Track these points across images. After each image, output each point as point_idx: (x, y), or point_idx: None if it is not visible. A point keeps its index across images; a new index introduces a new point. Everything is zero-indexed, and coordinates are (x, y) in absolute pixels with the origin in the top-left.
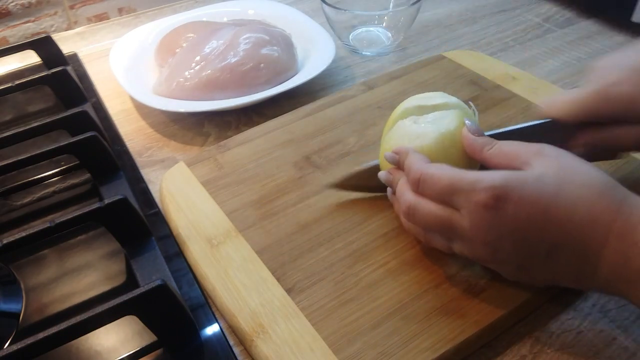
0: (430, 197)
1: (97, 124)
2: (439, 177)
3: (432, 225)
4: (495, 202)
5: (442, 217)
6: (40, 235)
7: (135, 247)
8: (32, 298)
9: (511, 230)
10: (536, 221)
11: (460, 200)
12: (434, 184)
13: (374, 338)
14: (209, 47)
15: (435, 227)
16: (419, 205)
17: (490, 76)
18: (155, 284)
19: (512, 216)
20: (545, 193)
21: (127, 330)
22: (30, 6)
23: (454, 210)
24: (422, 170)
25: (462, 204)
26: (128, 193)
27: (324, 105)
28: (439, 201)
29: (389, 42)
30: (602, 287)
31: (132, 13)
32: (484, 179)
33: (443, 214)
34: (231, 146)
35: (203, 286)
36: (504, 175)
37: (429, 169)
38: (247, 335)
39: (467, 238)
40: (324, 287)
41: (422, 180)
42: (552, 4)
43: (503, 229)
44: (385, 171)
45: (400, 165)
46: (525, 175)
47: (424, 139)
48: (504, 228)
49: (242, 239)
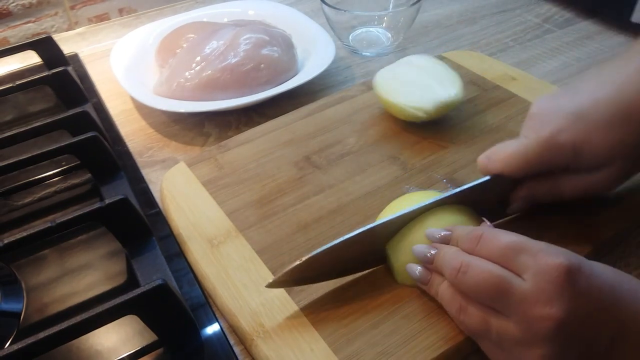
0: (489, 257)
1: (97, 124)
2: (503, 236)
3: (483, 286)
4: (570, 269)
5: (500, 276)
6: (41, 235)
7: (135, 247)
8: (32, 298)
9: (581, 305)
10: (606, 299)
11: (527, 260)
12: (498, 240)
13: (373, 337)
14: (210, 47)
15: (486, 289)
16: (474, 262)
17: (490, 76)
18: (156, 284)
19: (584, 288)
20: (609, 273)
21: (127, 330)
22: (31, 6)
23: (514, 274)
24: (485, 230)
25: (530, 265)
26: (129, 193)
27: (324, 105)
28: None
29: (388, 43)
30: None
31: (132, 13)
32: (558, 247)
33: (501, 273)
34: (231, 146)
35: (203, 286)
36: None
37: (493, 230)
38: (248, 334)
39: (522, 309)
40: (324, 287)
41: (483, 238)
42: (551, 4)
43: (572, 302)
44: (426, 246)
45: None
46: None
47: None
48: (574, 301)
49: (242, 239)
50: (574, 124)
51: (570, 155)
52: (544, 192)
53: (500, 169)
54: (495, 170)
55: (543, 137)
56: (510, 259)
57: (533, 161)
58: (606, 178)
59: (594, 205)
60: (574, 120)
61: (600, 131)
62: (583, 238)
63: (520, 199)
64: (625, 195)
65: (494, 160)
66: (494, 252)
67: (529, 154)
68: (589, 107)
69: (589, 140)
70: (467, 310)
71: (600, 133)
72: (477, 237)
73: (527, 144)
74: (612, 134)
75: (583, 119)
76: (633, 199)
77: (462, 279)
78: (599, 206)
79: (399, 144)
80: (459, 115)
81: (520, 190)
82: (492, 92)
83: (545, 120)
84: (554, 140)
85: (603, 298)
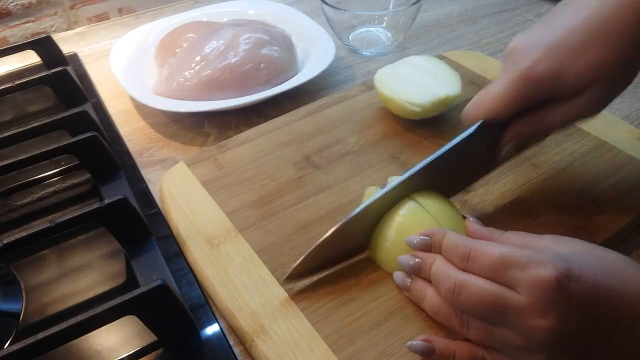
0: (480, 273)
1: (97, 124)
2: (491, 250)
3: (479, 305)
4: (560, 278)
5: (495, 293)
6: (40, 235)
7: (135, 247)
8: (32, 298)
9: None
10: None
11: (517, 274)
12: (487, 256)
13: (374, 338)
14: (209, 47)
15: (482, 307)
16: (467, 282)
17: (490, 76)
18: (156, 284)
19: (576, 294)
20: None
21: (127, 330)
22: (30, 6)
23: (508, 288)
24: (472, 245)
25: (521, 279)
26: (128, 193)
27: (324, 105)
28: (491, 277)
29: (389, 42)
30: None
31: (132, 13)
32: (544, 253)
33: (496, 290)
34: (231, 146)
35: (203, 286)
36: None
37: (479, 243)
38: (247, 335)
39: (520, 321)
40: (324, 287)
41: (472, 255)
42: (551, 4)
43: (566, 309)
44: (409, 255)
45: (435, 248)
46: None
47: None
48: (567, 308)
49: (242, 239)
50: (551, 53)
51: (551, 85)
52: (531, 129)
53: (485, 113)
54: (481, 115)
55: (521, 72)
56: (501, 274)
57: (515, 98)
58: (589, 102)
59: (594, 205)
60: (551, 50)
61: (578, 56)
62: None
63: (510, 142)
64: (624, 195)
65: (478, 106)
66: (485, 268)
67: (511, 92)
68: (565, 36)
69: (568, 66)
70: (469, 324)
71: (578, 57)
72: (466, 254)
73: (507, 83)
74: (590, 56)
75: (560, 48)
76: (632, 198)
77: (458, 300)
78: (599, 206)
79: (399, 143)
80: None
81: (508, 133)
82: None
83: (521, 57)
84: (532, 72)
85: (596, 296)
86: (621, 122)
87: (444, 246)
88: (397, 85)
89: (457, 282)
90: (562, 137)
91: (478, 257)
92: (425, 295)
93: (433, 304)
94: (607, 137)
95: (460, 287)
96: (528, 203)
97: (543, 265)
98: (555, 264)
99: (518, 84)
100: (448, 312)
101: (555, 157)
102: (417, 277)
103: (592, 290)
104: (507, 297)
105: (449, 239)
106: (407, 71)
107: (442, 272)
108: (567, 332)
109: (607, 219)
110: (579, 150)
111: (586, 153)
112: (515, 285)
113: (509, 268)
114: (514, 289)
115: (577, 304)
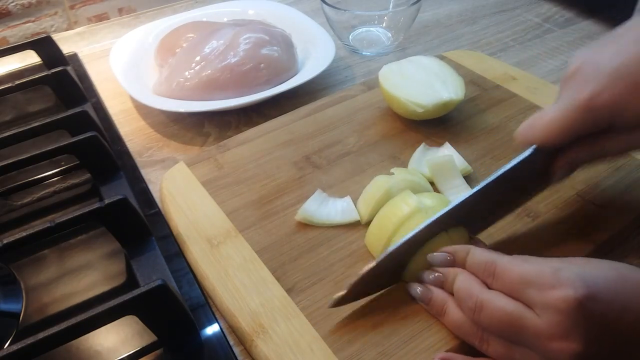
0: (503, 290)
1: (97, 124)
2: (516, 267)
3: (499, 324)
4: (581, 300)
5: (512, 314)
6: (40, 235)
7: (135, 247)
8: (32, 298)
9: (598, 331)
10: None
11: (535, 294)
12: (510, 274)
13: (373, 338)
14: (209, 47)
15: (502, 327)
16: (488, 300)
17: (490, 76)
18: (156, 284)
19: (598, 316)
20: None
21: (127, 330)
22: (30, 6)
23: (527, 307)
24: (497, 261)
25: (537, 300)
26: (128, 193)
27: (324, 105)
28: (512, 294)
29: (389, 42)
30: None
31: (132, 13)
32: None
33: (514, 310)
34: (231, 146)
35: (203, 286)
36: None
37: (504, 258)
38: (247, 335)
39: (539, 343)
40: (324, 287)
41: (497, 272)
42: (551, 4)
43: (589, 332)
44: (430, 271)
45: (459, 264)
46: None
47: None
48: (590, 331)
49: (242, 239)
50: (617, 82)
51: (613, 115)
52: (586, 156)
53: (541, 138)
54: (536, 140)
55: (582, 100)
56: (521, 292)
57: (574, 126)
58: None
59: (594, 205)
60: (617, 78)
61: None
62: (584, 237)
63: (563, 167)
64: (624, 195)
65: (535, 129)
66: (507, 286)
67: (569, 120)
68: (629, 65)
69: (630, 100)
70: (490, 342)
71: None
72: (491, 270)
73: (567, 109)
74: None
75: (623, 79)
76: (632, 198)
77: (479, 318)
78: (599, 206)
79: (399, 143)
80: (459, 115)
81: (561, 159)
82: (493, 92)
83: (584, 82)
84: (593, 103)
85: (617, 315)
86: None
87: (469, 262)
88: (402, 84)
89: (479, 300)
90: None
91: (502, 274)
92: (447, 311)
93: (454, 320)
94: None
95: (481, 305)
96: (528, 203)
97: (561, 287)
98: (575, 286)
99: (578, 112)
100: (469, 328)
101: None
102: (438, 290)
103: (611, 309)
104: (525, 317)
105: (475, 254)
106: (413, 70)
107: (465, 289)
108: (588, 353)
109: (607, 219)
110: None
111: None
112: (534, 305)
113: (528, 287)
114: (533, 309)
115: (598, 324)
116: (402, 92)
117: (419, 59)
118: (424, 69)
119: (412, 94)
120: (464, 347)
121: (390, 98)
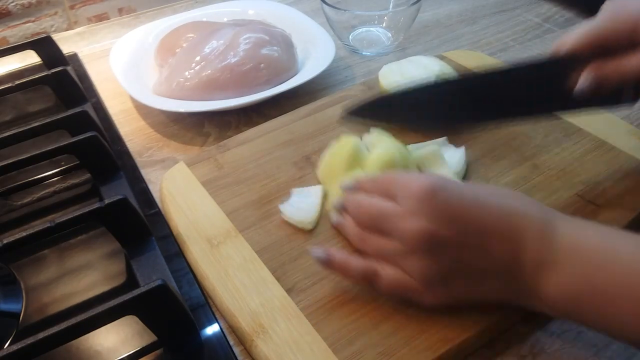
0: (376, 192)
1: (97, 124)
2: (391, 175)
3: (369, 215)
4: (430, 187)
5: (379, 204)
6: (40, 235)
7: (135, 247)
8: (32, 298)
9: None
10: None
11: (398, 189)
12: (384, 178)
13: (374, 338)
14: (209, 47)
15: (372, 217)
16: (363, 199)
17: None
18: (156, 284)
19: (443, 200)
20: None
21: (127, 330)
22: (30, 6)
23: (393, 202)
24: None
25: (399, 193)
26: (128, 193)
27: (324, 105)
28: (382, 195)
29: (389, 42)
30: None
31: (132, 13)
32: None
33: (381, 202)
34: (231, 146)
35: (203, 286)
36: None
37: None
38: (247, 335)
39: (397, 226)
40: (324, 287)
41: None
42: (552, 4)
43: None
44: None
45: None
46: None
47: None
48: (435, 211)
49: (242, 239)
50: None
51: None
52: (610, 71)
53: (570, 44)
54: (567, 46)
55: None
56: (391, 192)
57: (597, 35)
58: None
59: (594, 205)
60: None
61: None
62: None
63: (588, 80)
64: (624, 195)
65: (567, 38)
66: (384, 191)
67: (593, 30)
68: None
69: None
70: (366, 240)
71: None
72: (378, 181)
73: (594, 22)
74: None
75: None
76: (632, 198)
77: (358, 213)
78: (599, 206)
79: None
80: None
81: (587, 71)
82: None
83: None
84: (617, 12)
85: (462, 203)
86: (621, 122)
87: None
88: (401, 83)
89: (359, 202)
90: (562, 136)
91: (381, 181)
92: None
93: (346, 225)
94: (607, 137)
95: (359, 204)
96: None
97: (419, 180)
98: (432, 178)
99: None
100: (352, 229)
101: (555, 157)
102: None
103: (458, 198)
104: (389, 207)
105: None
106: (413, 70)
107: (353, 199)
108: (438, 235)
109: (607, 219)
110: (579, 150)
111: (586, 153)
112: (397, 198)
113: (396, 186)
114: (397, 202)
115: (444, 209)
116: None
117: (419, 59)
118: (424, 68)
119: None
120: (466, 346)
121: None
